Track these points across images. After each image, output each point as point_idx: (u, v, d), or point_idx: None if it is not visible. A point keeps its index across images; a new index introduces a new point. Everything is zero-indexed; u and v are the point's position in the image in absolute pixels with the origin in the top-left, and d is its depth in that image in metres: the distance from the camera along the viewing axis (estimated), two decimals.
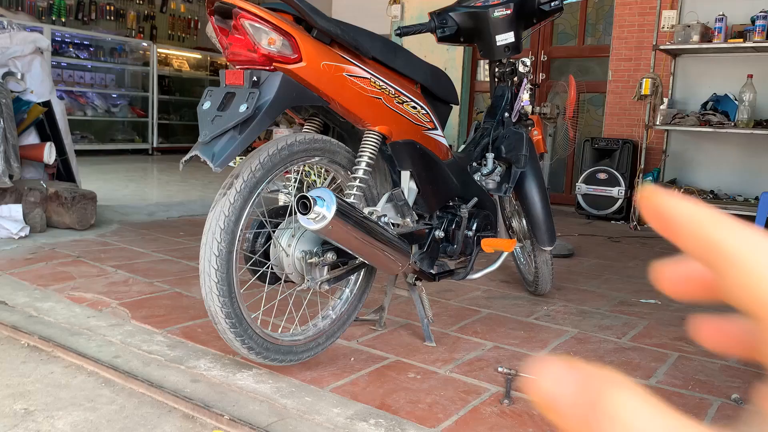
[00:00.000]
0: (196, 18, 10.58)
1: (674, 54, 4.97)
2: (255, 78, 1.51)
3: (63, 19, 8.74)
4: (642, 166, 4.79)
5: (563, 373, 0.19)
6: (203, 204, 4.63)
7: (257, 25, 1.49)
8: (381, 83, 1.73)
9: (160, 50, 9.19)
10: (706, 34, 4.62)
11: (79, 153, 4.09)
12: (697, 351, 2.06)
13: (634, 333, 2.22)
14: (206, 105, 1.51)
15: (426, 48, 4.19)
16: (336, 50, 1.64)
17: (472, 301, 2.53)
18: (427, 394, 1.64)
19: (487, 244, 2.05)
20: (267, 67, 1.53)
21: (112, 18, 9.45)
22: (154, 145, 9.02)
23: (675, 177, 5.08)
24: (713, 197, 4.75)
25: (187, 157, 1.50)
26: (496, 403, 1.61)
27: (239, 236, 1.53)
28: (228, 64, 1.62)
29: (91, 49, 8.61)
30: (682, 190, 4.79)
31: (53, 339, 1.86)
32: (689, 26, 4.64)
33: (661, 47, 4.77)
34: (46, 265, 2.67)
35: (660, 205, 0.21)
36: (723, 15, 4.53)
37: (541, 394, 0.19)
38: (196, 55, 10.00)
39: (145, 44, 9.12)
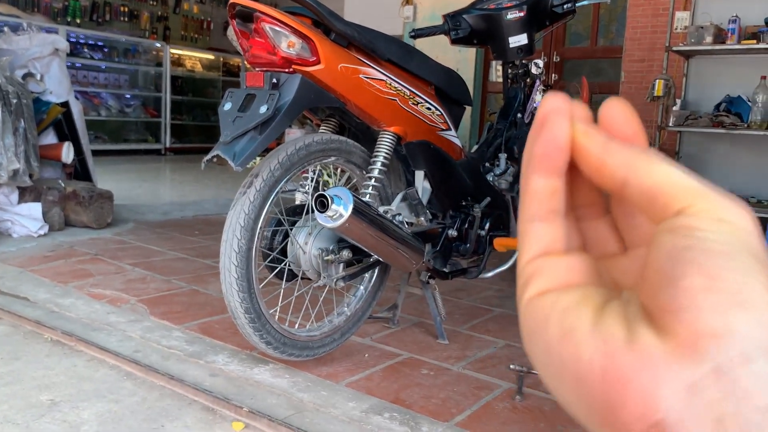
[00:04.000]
0: (209, 19, 10.67)
1: (687, 55, 4.97)
2: (275, 80, 1.54)
3: (78, 20, 8.84)
4: None
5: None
6: (217, 203, 4.69)
7: (277, 28, 1.53)
8: (396, 85, 1.76)
9: (173, 51, 9.27)
10: (719, 36, 4.61)
11: (93, 153, 4.15)
12: None
13: None
14: (227, 106, 1.55)
15: (438, 49, 4.22)
16: (353, 53, 1.68)
17: (485, 299, 2.56)
18: (441, 390, 1.67)
19: (500, 244, 2.07)
20: (286, 70, 1.57)
21: (126, 19, 9.55)
22: (167, 145, 9.10)
23: None
24: None
25: (208, 156, 1.54)
26: (509, 399, 1.64)
27: (258, 234, 1.57)
28: (248, 66, 1.66)
29: (105, 49, 8.71)
30: None
31: (75, 334, 1.91)
32: (702, 27, 4.64)
33: (674, 48, 4.77)
34: (65, 262, 2.73)
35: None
36: (736, 16, 4.52)
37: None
38: (209, 56, 10.07)
39: (158, 45, 9.20)
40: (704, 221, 0.18)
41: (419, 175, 1.90)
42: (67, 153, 3.63)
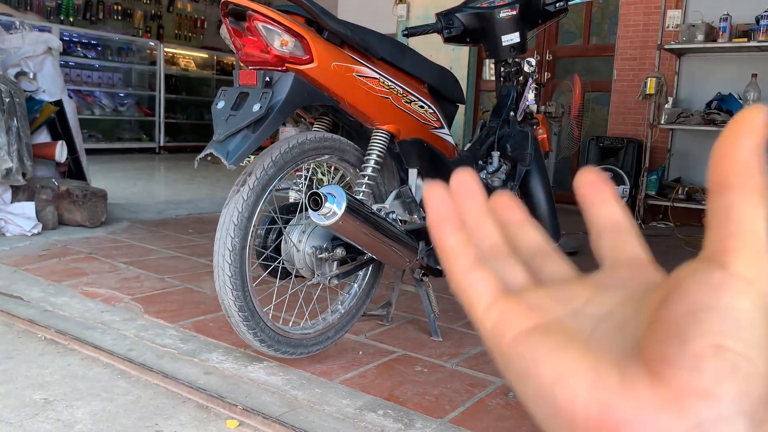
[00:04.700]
0: (202, 17, 10.64)
1: (679, 53, 4.99)
2: (268, 78, 1.55)
3: (71, 19, 8.81)
4: (647, 165, 4.82)
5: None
6: (211, 202, 4.68)
7: (270, 27, 1.53)
8: (389, 83, 1.77)
9: (166, 50, 9.25)
10: (711, 34, 4.64)
11: (86, 152, 4.14)
12: None
13: None
14: (220, 104, 1.56)
15: (432, 47, 4.22)
16: (346, 51, 1.69)
17: None
18: (434, 387, 1.68)
19: None
20: (279, 68, 1.58)
21: (120, 17, 9.52)
22: (161, 143, 9.08)
23: (680, 176, 5.10)
24: None
25: (202, 155, 1.54)
26: (502, 395, 1.65)
27: (252, 232, 1.58)
28: (241, 64, 1.66)
29: (99, 48, 8.68)
30: (686, 189, 4.82)
31: (69, 332, 1.91)
32: (694, 26, 4.66)
33: (666, 47, 4.80)
34: (59, 261, 2.72)
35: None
36: (728, 14, 4.55)
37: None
38: (203, 55, 10.05)
39: (152, 44, 9.18)
40: (736, 281, 0.19)
41: (413, 173, 1.91)
42: (61, 152, 3.63)
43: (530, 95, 2.36)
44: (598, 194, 0.26)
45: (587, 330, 0.22)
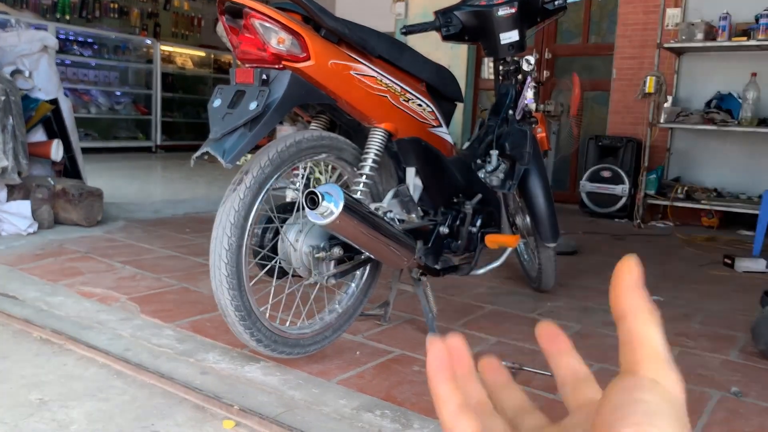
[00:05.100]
0: (199, 16, 10.61)
1: (678, 52, 4.98)
2: (264, 76, 1.53)
3: (67, 17, 8.77)
4: (646, 164, 4.81)
5: None
6: (208, 201, 4.67)
7: (267, 24, 1.52)
8: (387, 81, 1.76)
9: (163, 48, 9.22)
10: (710, 33, 4.63)
11: (82, 150, 4.11)
12: (697, 346, 2.09)
13: None
14: (217, 103, 1.54)
15: (430, 45, 4.21)
16: (343, 49, 1.67)
17: (477, 296, 2.56)
18: None
19: (491, 240, 2.07)
20: (276, 66, 1.56)
21: (116, 15, 9.48)
22: (158, 142, 9.06)
23: (679, 175, 5.10)
24: (717, 195, 4.76)
25: (198, 153, 1.53)
26: None
27: (248, 231, 1.56)
28: (238, 62, 1.65)
29: (95, 46, 8.65)
30: (685, 188, 4.81)
31: (65, 332, 1.90)
32: (693, 24, 4.66)
33: (665, 45, 4.79)
34: (55, 260, 2.71)
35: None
36: (727, 13, 4.54)
37: None
38: (200, 53, 10.03)
39: (148, 42, 9.15)
40: (645, 381, 0.24)
41: (410, 171, 1.90)
42: (57, 150, 3.61)
43: (529, 94, 2.35)
44: (557, 345, 0.31)
45: None
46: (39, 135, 3.75)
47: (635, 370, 0.25)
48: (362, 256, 1.78)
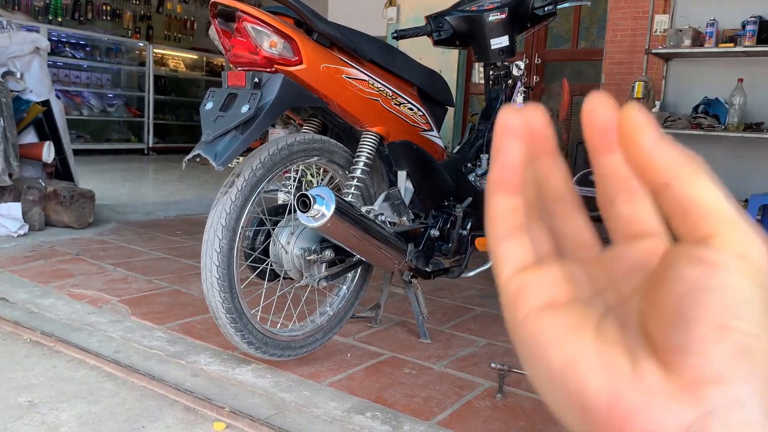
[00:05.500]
0: (192, 18, 10.60)
1: (666, 58, 5.03)
2: (256, 79, 1.55)
3: (59, 19, 8.74)
4: None
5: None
6: (200, 203, 4.66)
7: (259, 28, 1.53)
8: (379, 85, 1.77)
9: (156, 50, 9.20)
10: (698, 39, 4.68)
11: (74, 152, 4.11)
12: None
13: None
14: (209, 105, 1.55)
15: (421, 50, 4.24)
16: (335, 53, 1.69)
17: (466, 299, 2.58)
18: (422, 389, 1.68)
19: (482, 243, 2.09)
20: (268, 69, 1.57)
21: (109, 18, 9.46)
22: (150, 144, 9.03)
23: None
24: None
25: (190, 156, 1.54)
26: (490, 397, 1.65)
27: (240, 233, 1.57)
28: (230, 65, 1.66)
29: (87, 48, 8.62)
30: None
31: (55, 334, 1.89)
32: (681, 31, 4.70)
33: (654, 51, 4.83)
34: (46, 262, 2.70)
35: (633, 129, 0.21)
36: (714, 20, 4.59)
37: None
38: (192, 56, 10.01)
39: (141, 44, 9.13)
40: (727, 257, 0.19)
41: (402, 175, 1.91)
42: (48, 152, 3.60)
43: (519, 98, 2.37)
44: (606, 139, 0.22)
45: (600, 314, 0.21)
46: (30, 137, 3.74)
47: (710, 242, 0.19)
48: (353, 259, 1.80)
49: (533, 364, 0.22)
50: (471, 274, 2.21)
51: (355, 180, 1.76)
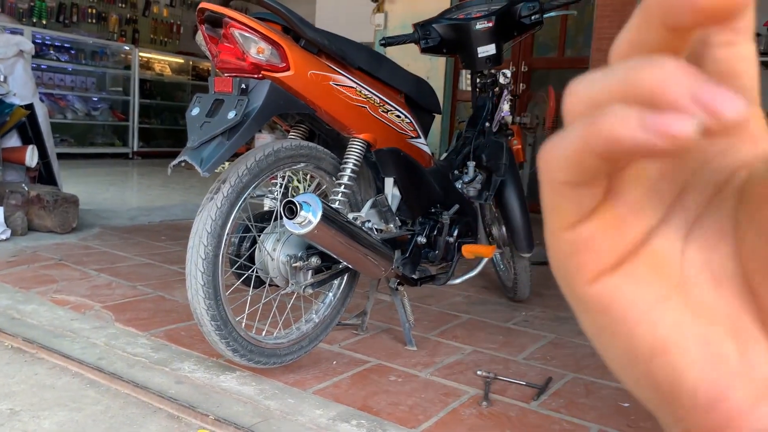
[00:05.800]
0: (178, 22, 10.55)
1: None
2: (243, 86, 1.54)
3: (44, 21, 8.67)
4: None
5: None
6: (185, 209, 4.63)
7: (246, 34, 1.53)
8: (366, 92, 1.77)
9: (141, 54, 9.15)
10: None
11: (58, 156, 4.07)
12: None
13: None
14: (195, 111, 1.54)
15: (409, 57, 4.25)
16: (323, 60, 1.69)
17: (453, 306, 2.58)
18: (408, 397, 1.68)
19: (468, 250, 2.09)
20: (255, 75, 1.57)
21: (94, 21, 9.39)
22: (135, 149, 8.97)
23: None
24: None
25: (175, 161, 1.52)
26: (475, 405, 1.65)
27: (225, 240, 1.56)
28: (217, 71, 1.65)
29: (72, 51, 8.55)
30: None
31: (37, 341, 1.87)
32: None
33: None
34: (28, 267, 2.67)
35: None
36: None
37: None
38: (178, 60, 9.97)
39: (126, 48, 9.07)
40: None
41: (389, 182, 1.91)
42: (31, 156, 3.56)
43: (505, 106, 2.38)
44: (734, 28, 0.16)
45: (681, 244, 0.17)
46: (14, 140, 3.70)
47: None
48: (340, 266, 1.79)
49: (605, 341, 0.18)
50: (457, 281, 2.21)
51: (342, 186, 1.76)
